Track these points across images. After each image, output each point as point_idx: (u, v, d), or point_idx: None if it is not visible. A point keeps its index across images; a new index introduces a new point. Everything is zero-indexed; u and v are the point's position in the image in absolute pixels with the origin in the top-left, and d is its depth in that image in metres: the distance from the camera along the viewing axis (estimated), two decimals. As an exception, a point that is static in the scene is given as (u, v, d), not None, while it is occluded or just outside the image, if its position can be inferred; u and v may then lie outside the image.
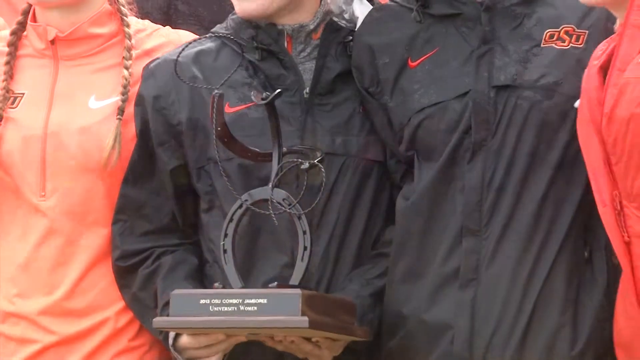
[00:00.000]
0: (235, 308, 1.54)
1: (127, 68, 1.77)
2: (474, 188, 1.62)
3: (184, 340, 1.64)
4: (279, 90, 1.54)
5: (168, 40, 1.84)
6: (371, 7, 1.84)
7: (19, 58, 1.85)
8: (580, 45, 1.60)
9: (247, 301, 1.54)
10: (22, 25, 1.86)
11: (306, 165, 1.55)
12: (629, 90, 1.49)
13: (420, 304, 1.66)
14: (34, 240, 1.77)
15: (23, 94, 1.80)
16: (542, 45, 1.63)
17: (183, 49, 1.69)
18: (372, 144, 1.75)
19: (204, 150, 1.68)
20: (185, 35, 1.88)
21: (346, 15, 1.79)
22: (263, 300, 1.54)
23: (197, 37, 1.84)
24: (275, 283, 1.56)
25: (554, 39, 1.64)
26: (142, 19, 1.91)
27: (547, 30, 1.63)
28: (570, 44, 1.61)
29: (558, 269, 1.63)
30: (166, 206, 1.76)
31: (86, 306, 1.75)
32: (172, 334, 1.66)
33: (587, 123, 1.57)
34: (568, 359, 1.61)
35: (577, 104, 1.58)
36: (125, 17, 1.83)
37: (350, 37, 1.77)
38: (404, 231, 1.70)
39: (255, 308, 1.54)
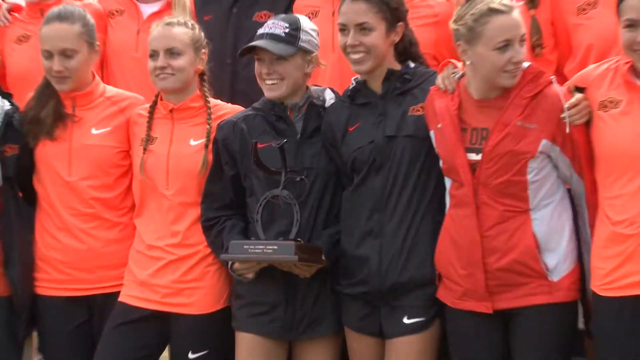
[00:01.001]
0: (261, 250, 2.41)
1: (209, 125, 2.64)
2: (378, 188, 2.47)
3: (236, 265, 2.49)
4: (285, 140, 2.40)
5: (230, 110, 2.71)
6: (332, 94, 2.66)
7: (154, 119, 2.74)
8: None
9: (267, 247, 2.40)
10: (155, 102, 2.73)
11: (298, 179, 2.45)
12: (509, 138, 2.27)
13: (353, 246, 2.51)
14: (163, 211, 2.68)
15: (157, 137, 2.69)
16: (409, 114, 2.46)
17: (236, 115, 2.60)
18: (329, 163, 2.57)
19: (247, 166, 2.52)
20: (238, 108, 2.74)
21: (321, 98, 2.63)
22: (275, 247, 2.38)
23: (244, 109, 2.69)
24: (281, 238, 2.41)
25: (415, 110, 2.48)
26: (215, 98, 2.77)
27: (411, 106, 2.48)
28: (423, 113, 2.46)
29: (424, 229, 2.47)
30: (228, 194, 2.60)
31: (190, 243, 2.63)
32: (230, 262, 2.50)
33: (456, 146, 2.33)
34: (429, 276, 2.46)
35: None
36: (207, 97, 2.70)
37: (322, 109, 2.60)
38: (345, 209, 2.57)
39: (272, 250, 2.38)
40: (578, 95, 2.31)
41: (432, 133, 2.42)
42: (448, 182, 2.42)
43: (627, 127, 2.20)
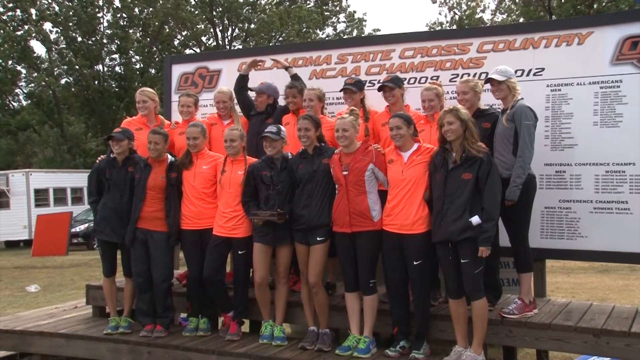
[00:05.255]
0: (263, 214, 5.05)
1: (246, 165, 5.23)
2: (309, 188, 4.89)
3: (254, 220, 5.11)
4: (272, 172, 5.02)
5: (254, 160, 5.21)
6: (290, 154, 5.10)
7: (226, 164, 5.35)
8: None
9: (265, 213, 5.06)
10: (226, 158, 5.29)
11: (277, 187, 5.07)
12: (357, 164, 4.63)
13: (299, 211, 4.95)
14: (227, 198, 5.28)
15: (226, 170, 5.31)
16: (322, 162, 4.89)
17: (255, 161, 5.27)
18: (290, 180, 5.01)
19: (259, 181, 5.11)
20: (255, 159, 5.21)
21: (287, 155, 5.07)
22: (268, 213, 5.02)
23: (258, 159, 5.21)
24: (270, 210, 4.99)
25: (324, 160, 4.91)
26: (249, 156, 5.28)
27: (323, 159, 4.87)
28: (328, 162, 4.77)
29: (327, 202, 4.84)
30: (251, 192, 5.18)
31: (237, 209, 5.25)
32: (252, 218, 5.10)
33: (339, 170, 4.67)
34: (328, 221, 4.78)
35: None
36: (245, 155, 5.30)
37: (286, 160, 4.99)
38: (296, 197, 4.97)
39: (267, 214, 5.01)
40: (378, 146, 4.70)
41: (331, 169, 4.72)
42: (337, 184, 4.72)
43: (395, 169, 4.61)
